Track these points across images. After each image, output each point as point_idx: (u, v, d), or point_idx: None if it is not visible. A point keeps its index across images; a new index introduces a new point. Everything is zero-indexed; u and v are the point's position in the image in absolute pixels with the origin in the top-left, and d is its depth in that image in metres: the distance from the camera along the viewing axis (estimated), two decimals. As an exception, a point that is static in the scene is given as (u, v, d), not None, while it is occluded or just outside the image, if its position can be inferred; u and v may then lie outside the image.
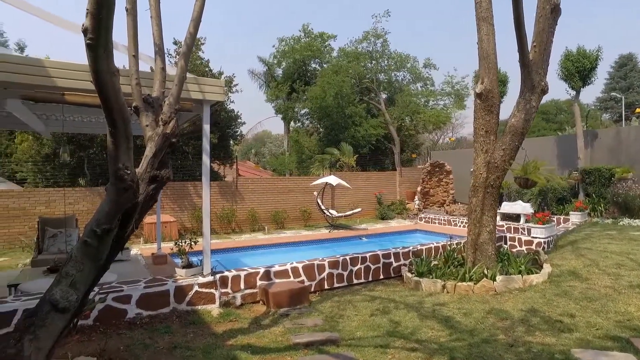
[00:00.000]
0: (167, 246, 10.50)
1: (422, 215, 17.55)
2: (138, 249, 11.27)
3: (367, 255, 7.63)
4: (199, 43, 17.20)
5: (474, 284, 6.45)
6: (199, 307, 5.78)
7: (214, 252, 12.82)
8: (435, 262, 7.64)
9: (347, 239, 14.85)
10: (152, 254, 9.89)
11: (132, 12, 3.87)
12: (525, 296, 6.11)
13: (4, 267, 9.83)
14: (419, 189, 20.53)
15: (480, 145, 7.29)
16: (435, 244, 8.76)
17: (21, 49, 25.13)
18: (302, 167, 23.73)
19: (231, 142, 17.63)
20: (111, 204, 3.13)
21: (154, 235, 13.68)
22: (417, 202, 20.24)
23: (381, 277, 7.75)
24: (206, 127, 5.83)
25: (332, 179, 16.45)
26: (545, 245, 9.23)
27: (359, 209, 17.14)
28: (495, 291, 6.41)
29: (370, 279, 7.60)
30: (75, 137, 13.86)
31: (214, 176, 17.64)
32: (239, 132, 18.40)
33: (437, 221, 16.36)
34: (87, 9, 2.36)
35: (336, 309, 5.96)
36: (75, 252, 3.27)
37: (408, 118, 25.85)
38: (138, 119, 3.73)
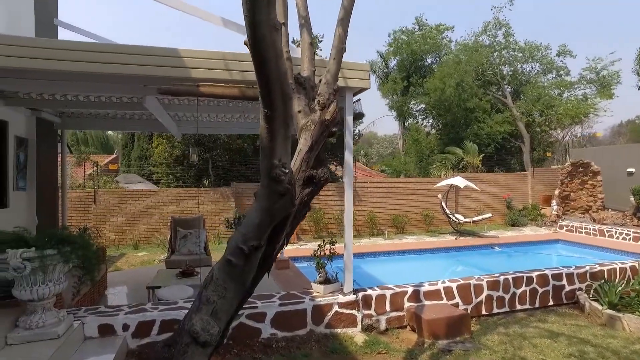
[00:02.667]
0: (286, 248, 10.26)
1: (563, 223, 14.96)
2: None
3: (534, 275, 6.14)
4: (317, 40, 16.81)
5: None
6: (339, 330, 4.96)
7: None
8: (627, 289, 5.87)
9: (476, 247, 13.17)
10: (275, 257, 9.51)
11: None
12: None
13: (144, 263, 10.28)
14: (556, 192, 17.72)
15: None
16: (619, 264, 6.87)
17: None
18: (420, 168, 22.20)
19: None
20: (263, 213, 2.36)
21: (273, 237, 13.50)
22: (554, 207, 17.48)
23: (550, 303, 6.20)
24: (349, 119, 4.98)
25: (459, 181, 14.83)
26: None
27: (489, 215, 15.20)
28: None
29: (536, 305, 6.11)
30: (200, 140, 14.34)
31: (332, 177, 17.14)
32: (356, 130, 17.63)
33: (583, 230, 13.75)
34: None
35: (509, 346, 4.67)
36: (217, 273, 2.58)
37: (538, 112, 22.68)
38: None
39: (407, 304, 5.32)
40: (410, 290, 5.38)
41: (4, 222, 6.39)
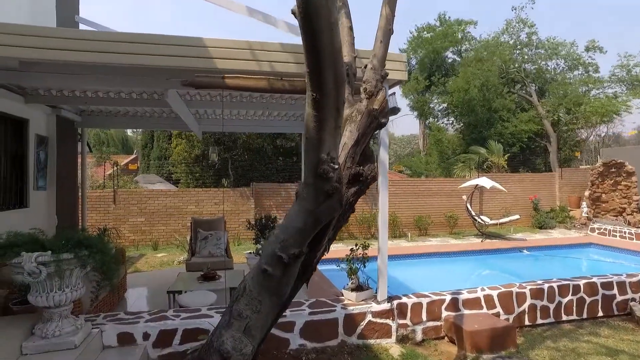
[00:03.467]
0: None
1: (595, 226, 14.28)
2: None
3: (580, 283, 5.67)
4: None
5: None
6: (372, 341, 4.59)
7: (341, 260, 11.91)
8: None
9: (503, 250, 12.64)
10: (297, 260, 9.19)
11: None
12: None
13: (163, 264, 10.09)
14: (586, 193, 16.97)
15: None
16: (675, 272, 6.33)
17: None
18: (442, 168, 21.65)
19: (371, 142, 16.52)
20: (306, 216, 2.03)
21: (293, 238, 13.20)
22: (584, 209, 16.75)
23: (599, 314, 5.72)
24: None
25: (485, 181, 14.31)
26: None
27: (517, 216, 14.63)
28: None
29: (584, 315, 5.64)
30: (220, 139, 14.15)
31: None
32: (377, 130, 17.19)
33: (617, 234, 13.07)
34: None
35: (562, 362, 4.25)
36: (250, 284, 2.26)
37: (563, 110, 21.82)
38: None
39: (444, 313, 4.93)
40: (448, 298, 4.99)
41: (23, 222, 6.22)
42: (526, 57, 23.45)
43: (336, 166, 1.92)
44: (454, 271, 11.28)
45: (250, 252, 9.31)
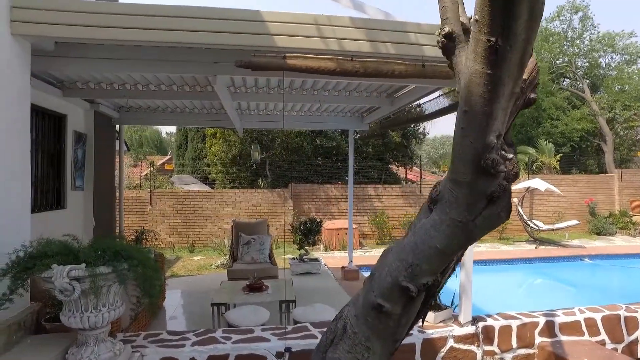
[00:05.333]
0: (343, 255, 9.11)
1: (664, 233, 12.96)
2: (319, 255, 10.11)
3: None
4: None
5: None
6: (455, 371, 3.86)
7: None
8: None
9: (561, 259, 11.57)
10: (343, 267, 8.51)
11: None
12: None
13: (200, 268, 9.67)
14: (652, 196, 15.60)
15: None
16: None
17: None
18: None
19: (413, 141, 15.72)
20: (454, 230, 1.35)
21: (334, 242, 12.56)
22: (650, 214, 15.40)
23: None
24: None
25: (539, 183, 13.25)
26: None
27: (576, 222, 13.47)
28: None
29: None
30: (257, 138, 13.67)
31: (393, 179, 15.96)
32: (420, 129, 16.35)
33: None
34: None
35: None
36: (354, 323, 1.59)
37: (620, 106, 20.20)
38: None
39: (538, 339, 4.13)
40: (541, 320, 4.18)
41: (61, 224, 5.82)
42: (578, 49, 21.93)
43: (510, 155, 1.24)
44: (508, 280, 10.40)
45: (293, 258, 8.72)
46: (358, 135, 14.55)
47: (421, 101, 7.11)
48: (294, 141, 14.09)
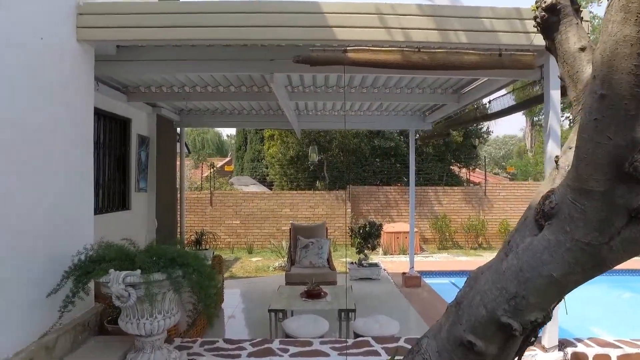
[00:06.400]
0: (403, 260, 8.67)
1: None
2: (378, 260, 9.75)
3: None
4: None
5: None
6: (538, 402, 3.41)
7: (457, 273, 10.43)
8: None
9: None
10: (404, 273, 8.10)
11: None
12: None
13: (258, 269, 9.70)
14: None
15: None
16: None
17: None
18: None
19: (476, 141, 14.87)
20: (577, 256, 1.03)
21: (394, 246, 12.13)
22: None
23: None
24: (554, 95, 3.39)
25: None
26: None
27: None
28: None
29: None
30: (315, 139, 13.56)
31: (455, 181, 15.20)
32: (484, 128, 15.43)
33: None
34: None
35: None
36: None
37: None
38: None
39: (639, 370, 3.55)
40: (643, 348, 3.59)
41: (126, 225, 5.99)
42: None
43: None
44: (590, 294, 9.39)
45: (352, 263, 8.46)
46: (418, 135, 14.00)
47: (484, 100, 6.60)
48: (351, 142, 13.83)
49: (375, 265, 8.35)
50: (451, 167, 15.35)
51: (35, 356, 2.71)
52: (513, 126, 67.86)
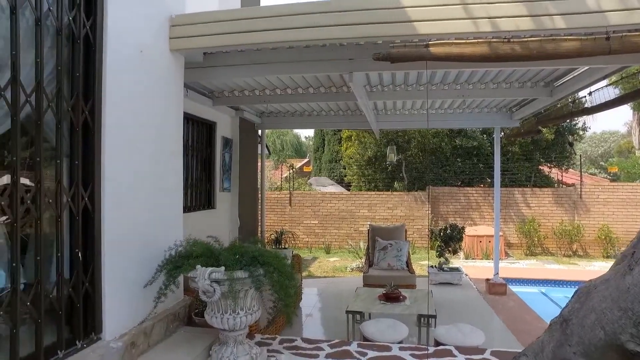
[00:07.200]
0: (487, 266, 8.11)
1: None
2: (459, 264, 9.27)
3: None
4: None
5: None
6: None
7: (548, 282, 9.54)
8: None
9: None
10: (487, 279, 7.64)
11: None
12: None
13: (336, 270, 9.76)
14: None
15: None
16: None
17: None
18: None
19: (570, 138, 13.59)
20: None
21: (476, 250, 11.52)
22: None
23: None
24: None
25: None
26: None
27: None
28: None
29: None
30: (393, 139, 13.32)
31: (544, 182, 14.04)
32: (579, 124, 14.09)
33: None
34: None
35: None
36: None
37: None
38: None
39: None
40: None
41: (211, 223, 6.34)
42: None
43: None
44: None
45: (432, 266, 8.16)
46: (503, 133, 13.14)
47: (580, 93, 5.96)
48: (431, 141, 13.38)
49: (457, 269, 7.97)
50: (540, 166, 14.20)
51: (136, 340, 2.95)
52: (613, 121, 60.94)
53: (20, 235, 2.20)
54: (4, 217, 2.19)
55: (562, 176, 14.82)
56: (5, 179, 2.21)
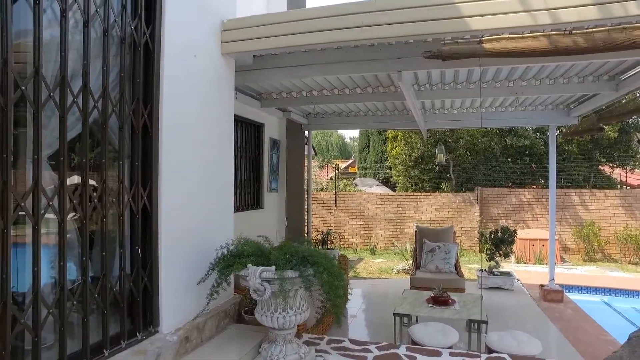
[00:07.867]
0: (540, 271, 7.70)
1: None
2: (510, 269, 8.88)
3: None
4: None
5: None
6: None
7: (612, 291, 8.91)
8: None
9: None
10: (542, 285, 7.28)
11: None
12: None
13: (381, 271, 9.68)
14: None
15: None
16: None
17: None
18: None
19: (637, 135, 12.67)
20: None
21: (528, 254, 11.02)
22: None
23: None
24: None
25: None
26: None
27: None
28: None
29: None
30: (441, 139, 13.02)
31: (605, 183, 13.20)
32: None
33: None
34: None
35: None
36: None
37: None
38: None
39: None
40: None
41: (259, 222, 6.47)
42: None
43: None
44: None
45: (481, 270, 7.88)
46: (558, 132, 12.48)
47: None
48: (480, 141, 12.95)
49: (508, 274, 7.66)
50: (600, 167, 13.36)
51: (190, 334, 3.06)
52: (685, 118, 56.14)
53: (88, 231, 2.35)
54: (73, 214, 2.35)
55: (626, 177, 13.86)
56: (76, 179, 2.37)
